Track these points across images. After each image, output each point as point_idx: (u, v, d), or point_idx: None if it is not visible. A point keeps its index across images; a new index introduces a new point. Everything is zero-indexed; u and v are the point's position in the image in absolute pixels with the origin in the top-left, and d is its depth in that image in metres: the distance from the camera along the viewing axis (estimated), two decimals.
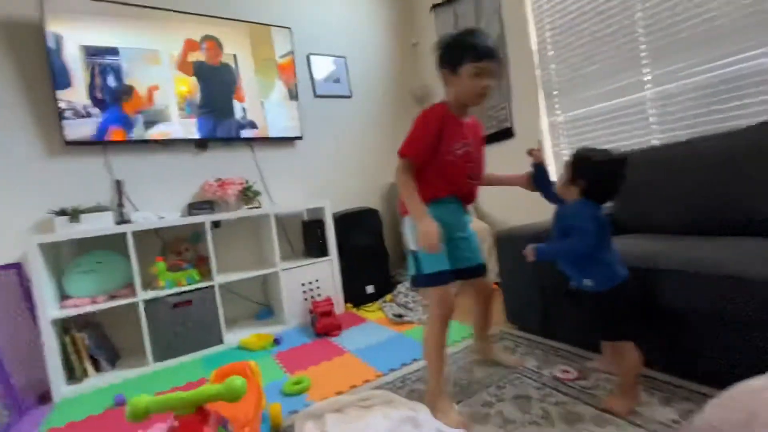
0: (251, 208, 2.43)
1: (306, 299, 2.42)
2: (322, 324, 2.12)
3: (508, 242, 1.87)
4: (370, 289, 2.68)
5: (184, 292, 2.09)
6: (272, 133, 2.71)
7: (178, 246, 2.33)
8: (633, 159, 1.82)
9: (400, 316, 2.21)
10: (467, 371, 1.53)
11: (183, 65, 2.39)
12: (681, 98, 1.91)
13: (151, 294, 2.02)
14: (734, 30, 1.71)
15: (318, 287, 2.47)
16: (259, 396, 1.17)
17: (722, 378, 1.07)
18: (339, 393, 1.49)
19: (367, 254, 2.72)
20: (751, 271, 1.09)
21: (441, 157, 1.26)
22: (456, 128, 1.28)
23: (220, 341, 2.18)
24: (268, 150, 2.77)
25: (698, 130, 1.84)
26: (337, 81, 3.12)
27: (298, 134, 2.82)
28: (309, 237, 2.65)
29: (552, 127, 2.55)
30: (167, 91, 2.34)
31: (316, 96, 3.01)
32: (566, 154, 2.46)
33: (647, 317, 1.31)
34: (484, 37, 1.19)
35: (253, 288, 2.64)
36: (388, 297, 2.55)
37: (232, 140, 2.60)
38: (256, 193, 2.54)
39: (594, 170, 1.16)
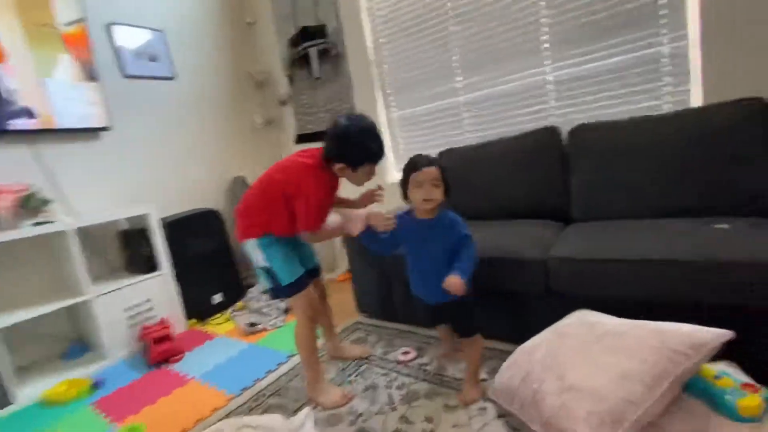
0: (38, 223, 1.87)
1: (133, 325, 2.05)
2: (157, 352, 1.84)
3: (355, 237, 1.95)
4: (217, 298, 2.45)
5: None
6: (62, 123, 2.12)
7: None
8: (452, 155, 2.16)
9: (253, 324, 2.10)
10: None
11: None
12: (486, 104, 2.30)
13: None
14: (519, 52, 2.12)
15: (150, 308, 2.12)
16: None
17: (521, 337, 1.34)
18: None
19: (210, 260, 2.46)
20: (526, 253, 1.42)
21: None
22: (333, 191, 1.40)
23: (8, 402, 1.67)
24: (60, 145, 2.17)
25: (501, 131, 2.23)
26: (154, 59, 2.63)
27: (104, 124, 2.29)
28: (131, 250, 2.22)
29: (389, 123, 2.73)
30: None
31: (126, 76, 2.48)
32: (403, 150, 2.69)
33: None
34: (381, 136, 1.31)
35: (56, 321, 2.09)
36: (240, 304, 2.38)
37: None
38: (44, 202, 1.97)
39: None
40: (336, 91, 2.89)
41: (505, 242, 1.51)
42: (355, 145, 1.26)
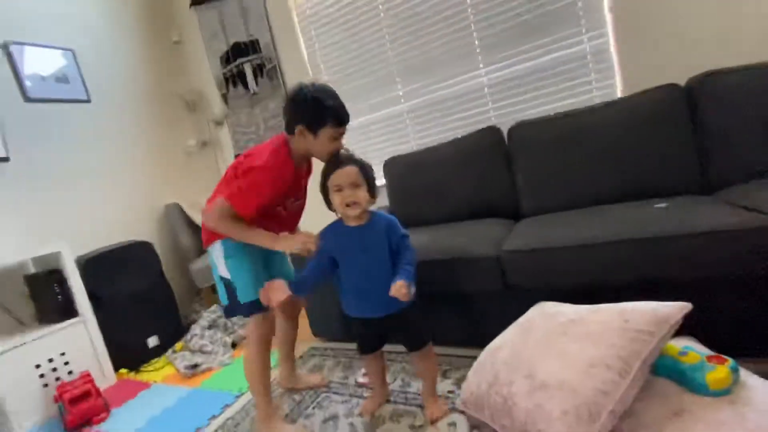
0: None
1: (46, 385, 1.73)
2: (76, 413, 1.55)
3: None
4: (153, 341, 2.16)
5: None
6: None
7: None
8: (396, 163, 2.12)
9: (195, 366, 1.85)
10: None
11: None
12: (428, 110, 2.30)
13: None
14: (454, 57, 2.15)
15: (66, 363, 1.80)
16: None
17: (487, 340, 1.26)
18: None
19: (143, 298, 2.17)
20: (479, 251, 1.37)
21: (271, 210, 1.19)
22: (296, 182, 1.23)
23: None
24: None
25: (445, 136, 2.22)
26: (63, 80, 2.36)
27: (2, 154, 1.98)
28: (41, 296, 1.90)
29: None
30: None
31: (29, 100, 2.19)
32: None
33: None
34: (341, 100, 1.15)
35: None
36: (178, 345, 2.11)
37: None
38: None
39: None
40: (275, 106, 2.77)
41: (457, 243, 1.46)
42: (310, 102, 1.09)
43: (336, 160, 1.11)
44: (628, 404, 0.75)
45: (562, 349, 0.86)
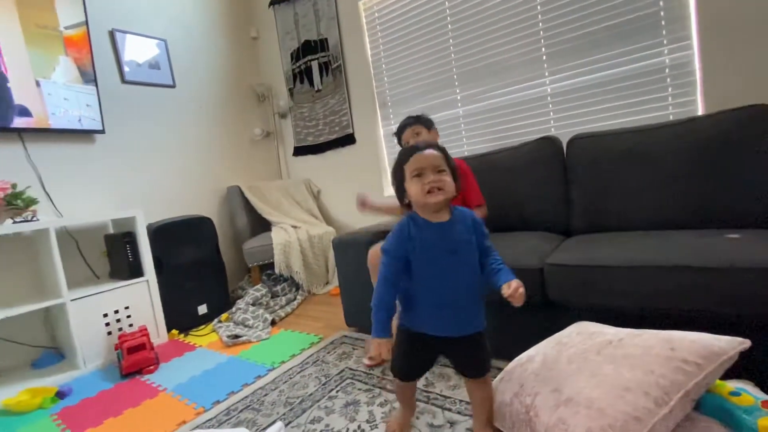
0: (20, 221, 1.82)
1: (110, 333, 1.95)
2: (131, 361, 1.73)
3: (344, 246, 1.87)
4: (202, 309, 2.35)
5: None
6: (57, 124, 2.10)
7: None
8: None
9: (236, 336, 1.99)
10: (302, 387, 1.45)
11: None
12: (485, 116, 2.27)
13: None
14: (517, 64, 2.10)
15: (129, 316, 2.02)
16: None
17: (510, 352, 1.22)
18: None
19: (199, 269, 2.37)
20: (521, 261, 1.32)
21: None
22: None
23: None
24: (53, 145, 2.14)
25: (500, 144, 2.19)
26: (155, 67, 2.65)
27: (99, 127, 2.27)
28: (116, 254, 2.15)
29: (387, 136, 2.70)
30: None
31: (125, 82, 2.48)
32: None
33: None
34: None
35: (30, 326, 2.00)
36: (224, 316, 2.27)
37: None
38: (30, 201, 1.92)
39: None
40: (335, 103, 2.89)
41: (501, 252, 1.41)
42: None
43: (415, 146, 0.96)
44: None
45: (597, 369, 0.81)
